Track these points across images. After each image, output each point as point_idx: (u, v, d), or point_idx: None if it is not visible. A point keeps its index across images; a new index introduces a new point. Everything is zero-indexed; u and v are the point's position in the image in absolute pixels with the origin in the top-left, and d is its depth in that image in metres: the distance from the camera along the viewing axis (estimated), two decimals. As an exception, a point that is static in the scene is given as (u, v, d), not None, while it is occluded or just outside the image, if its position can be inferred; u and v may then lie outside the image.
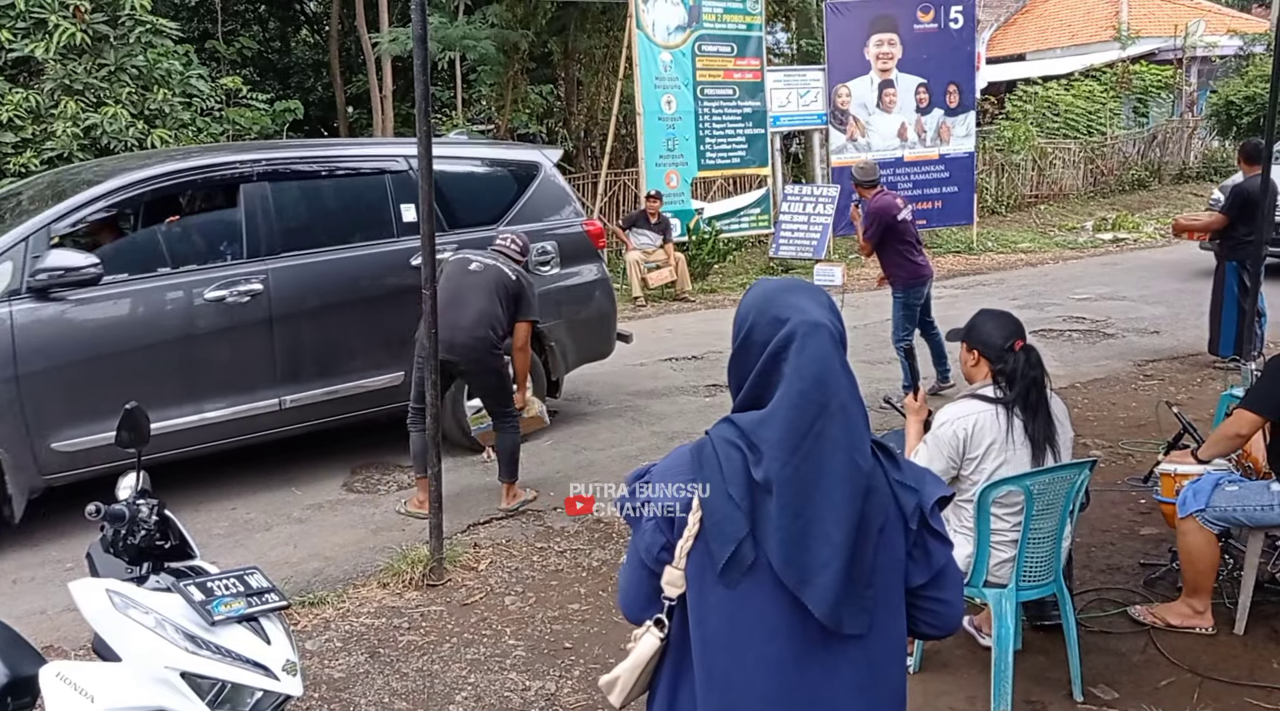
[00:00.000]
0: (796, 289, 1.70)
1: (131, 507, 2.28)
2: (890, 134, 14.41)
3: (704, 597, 1.60)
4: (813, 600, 1.54)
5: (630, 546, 1.73)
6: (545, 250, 6.51)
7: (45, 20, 10.02)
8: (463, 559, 4.76)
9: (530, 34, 14.92)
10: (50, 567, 4.76)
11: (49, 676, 2.16)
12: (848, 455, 1.57)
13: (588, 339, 6.87)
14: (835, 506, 1.55)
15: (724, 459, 1.60)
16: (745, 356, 1.66)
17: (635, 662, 1.67)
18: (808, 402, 1.57)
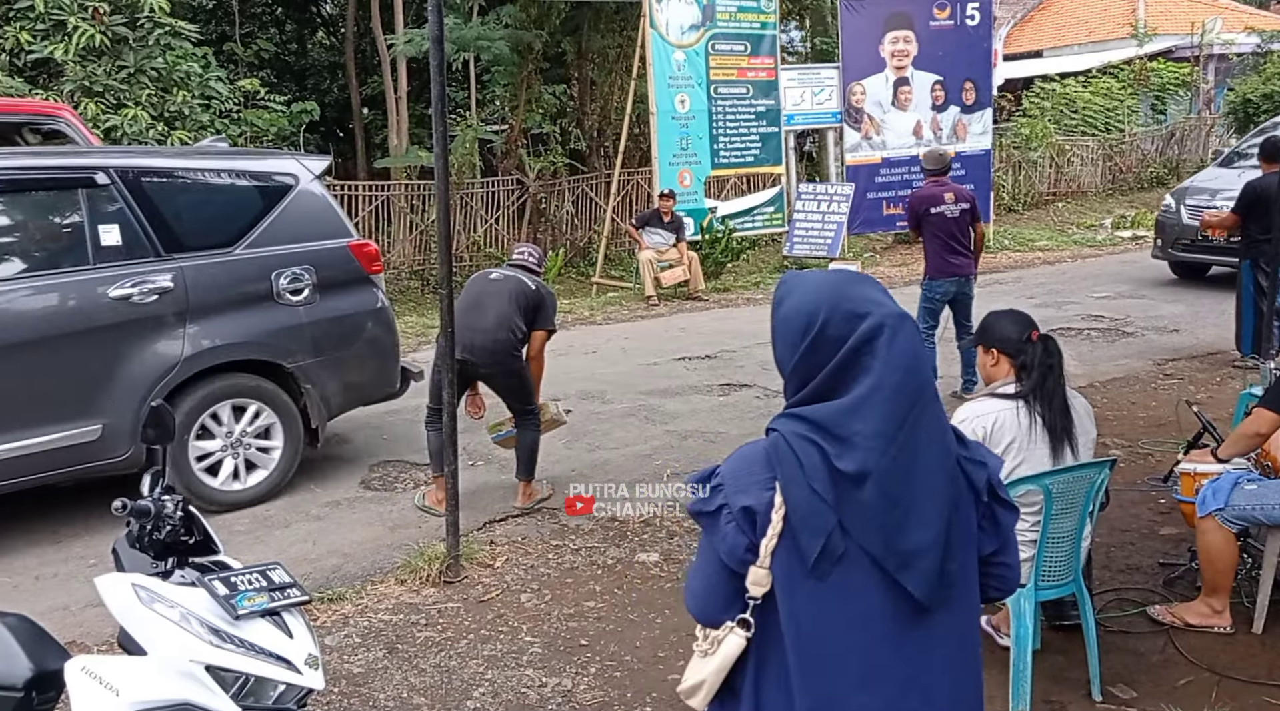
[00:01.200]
0: (861, 281, 1.71)
1: (157, 503, 2.30)
2: (905, 132, 14.37)
3: (794, 592, 1.61)
4: (914, 582, 1.60)
5: (703, 549, 1.71)
6: (296, 276, 5.51)
7: (65, 22, 10.10)
8: (479, 556, 4.78)
9: (544, 34, 14.95)
10: (74, 563, 4.80)
11: (74, 670, 2.19)
12: (940, 441, 1.64)
13: (357, 379, 5.91)
14: (933, 491, 1.61)
15: (801, 454, 1.61)
16: (816, 352, 1.65)
17: (722, 664, 1.67)
18: (903, 392, 1.60)
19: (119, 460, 5.12)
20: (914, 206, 7.30)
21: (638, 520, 5.23)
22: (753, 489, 1.64)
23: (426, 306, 12.76)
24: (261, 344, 5.45)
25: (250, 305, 5.42)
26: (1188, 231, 11.10)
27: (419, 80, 17.12)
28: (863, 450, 1.58)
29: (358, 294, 5.86)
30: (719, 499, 1.66)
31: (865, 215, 14.17)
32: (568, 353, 9.22)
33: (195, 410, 5.27)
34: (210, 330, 5.28)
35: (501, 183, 14.99)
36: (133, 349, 5.08)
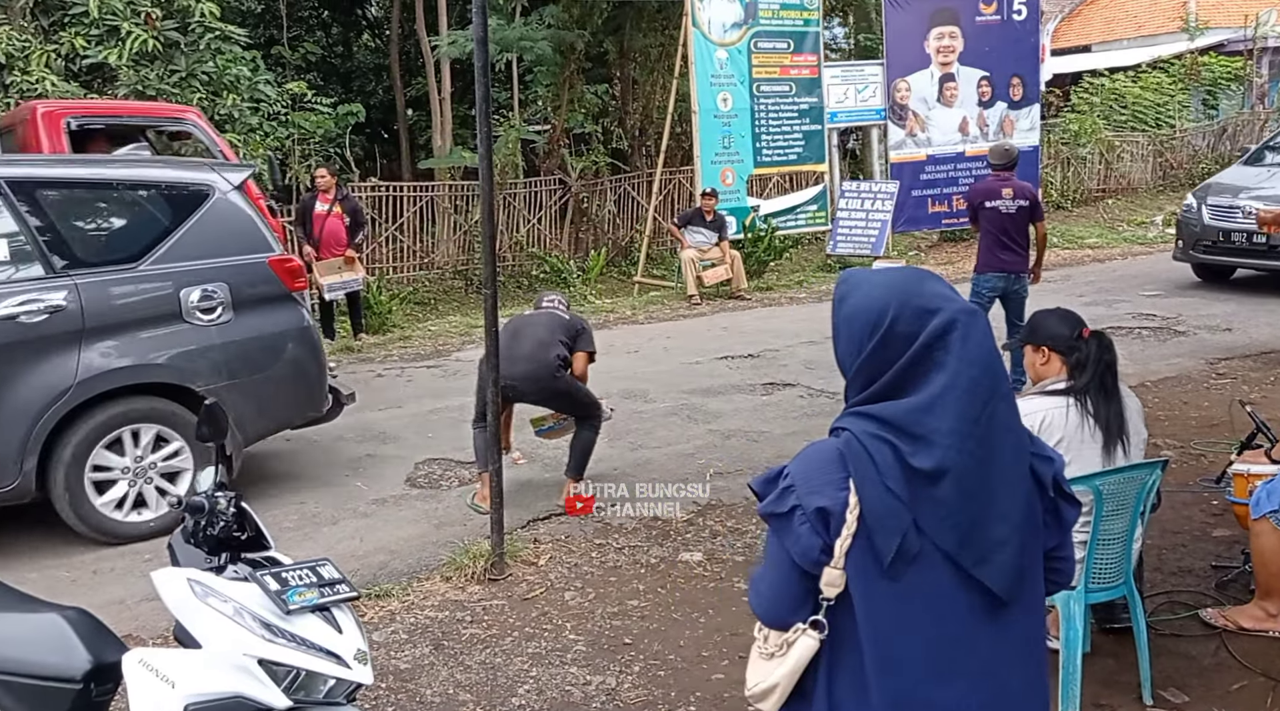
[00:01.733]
0: (928, 277, 1.71)
1: (211, 500, 2.35)
2: (951, 128, 14.23)
3: (869, 592, 1.61)
4: (991, 577, 1.60)
5: (773, 550, 1.70)
6: (208, 294, 5.19)
7: (118, 28, 10.31)
8: (523, 554, 4.81)
9: (586, 34, 14.99)
10: (129, 558, 4.90)
11: (131, 663, 2.24)
12: (1016, 436, 1.65)
13: (277, 403, 5.55)
14: (1010, 485, 1.62)
15: (875, 453, 1.60)
16: (886, 350, 1.64)
17: (795, 667, 1.67)
18: (979, 388, 1.60)
19: (6, 490, 4.81)
20: (971, 199, 7.32)
21: (681, 519, 5.24)
22: (826, 489, 1.63)
23: (470, 306, 12.86)
24: (167, 366, 5.10)
25: (155, 324, 5.08)
26: (1210, 232, 10.86)
27: (462, 81, 17.25)
28: (940, 447, 1.58)
29: (278, 312, 5.49)
30: (791, 500, 1.65)
31: (910, 213, 14.05)
32: (610, 352, 9.24)
33: (93, 437, 4.93)
34: (108, 351, 4.95)
35: (544, 182, 15.06)
36: (19, 372, 4.75)
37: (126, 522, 5.04)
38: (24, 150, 7.19)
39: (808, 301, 12.07)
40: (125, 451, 5.03)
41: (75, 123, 7.40)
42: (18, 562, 4.81)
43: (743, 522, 5.15)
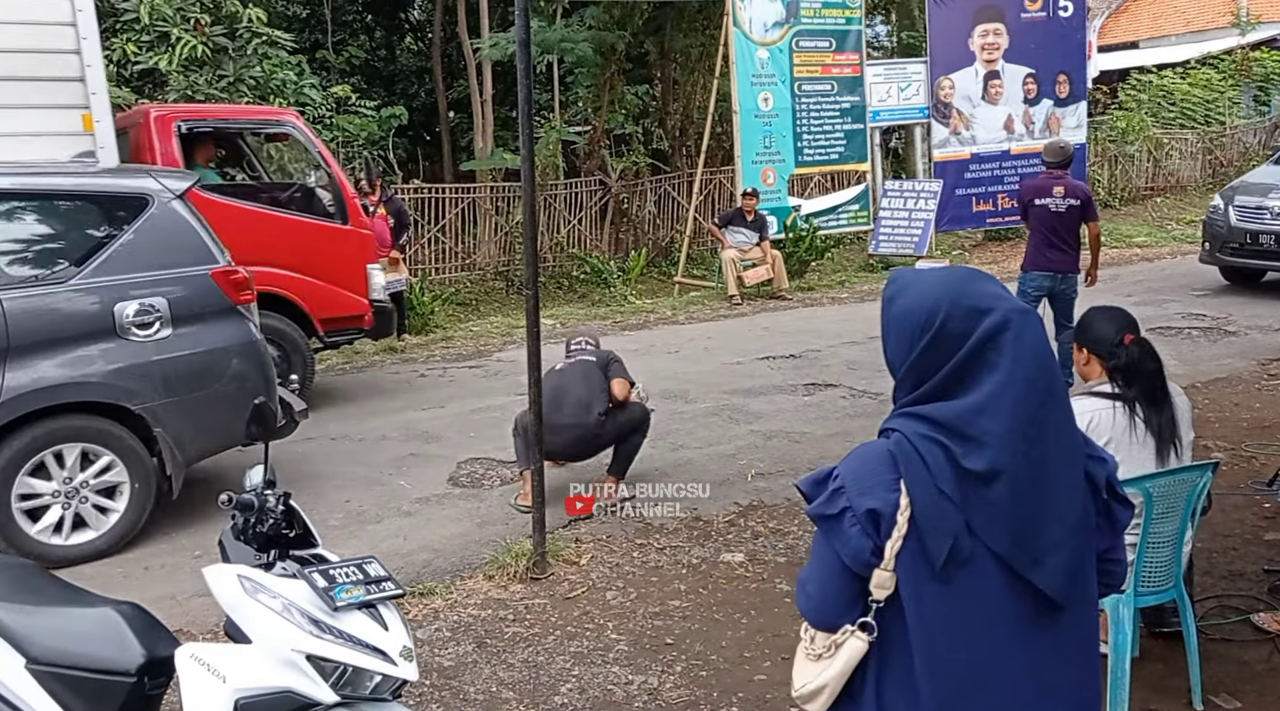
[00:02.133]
0: (979, 277, 1.69)
1: (260, 497, 2.39)
2: (996, 127, 14.08)
3: (920, 594, 1.60)
4: (1044, 580, 1.59)
5: (820, 552, 1.69)
6: (145, 308, 4.97)
7: (168, 34, 10.51)
8: (565, 553, 4.83)
9: (627, 35, 15.02)
10: (180, 555, 4.99)
11: (184, 657, 2.28)
12: (1070, 437, 1.63)
13: (220, 420, 5.22)
14: (1066, 487, 1.61)
15: (926, 454, 1.59)
16: (937, 350, 1.62)
17: (844, 669, 1.66)
18: (1034, 388, 1.59)
19: None
20: (1021, 196, 7.29)
21: (722, 520, 5.24)
22: (877, 490, 1.61)
23: (511, 306, 12.92)
24: (99, 384, 4.87)
25: (88, 341, 4.87)
26: (1237, 234, 10.58)
27: (503, 83, 17.34)
28: (993, 449, 1.56)
29: (222, 326, 5.26)
30: (841, 501, 1.64)
31: (954, 212, 13.92)
32: (650, 352, 9.26)
33: (20, 457, 4.74)
34: (35, 369, 4.74)
35: (584, 183, 15.11)
36: None
37: (68, 545, 4.87)
38: (138, 152, 7.40)
39: (850, 301, 12.00)
40: (52, 474, 4.83)
41: (185, 126, 7.59)
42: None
43: (785, 524, 5.14)
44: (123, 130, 7.20)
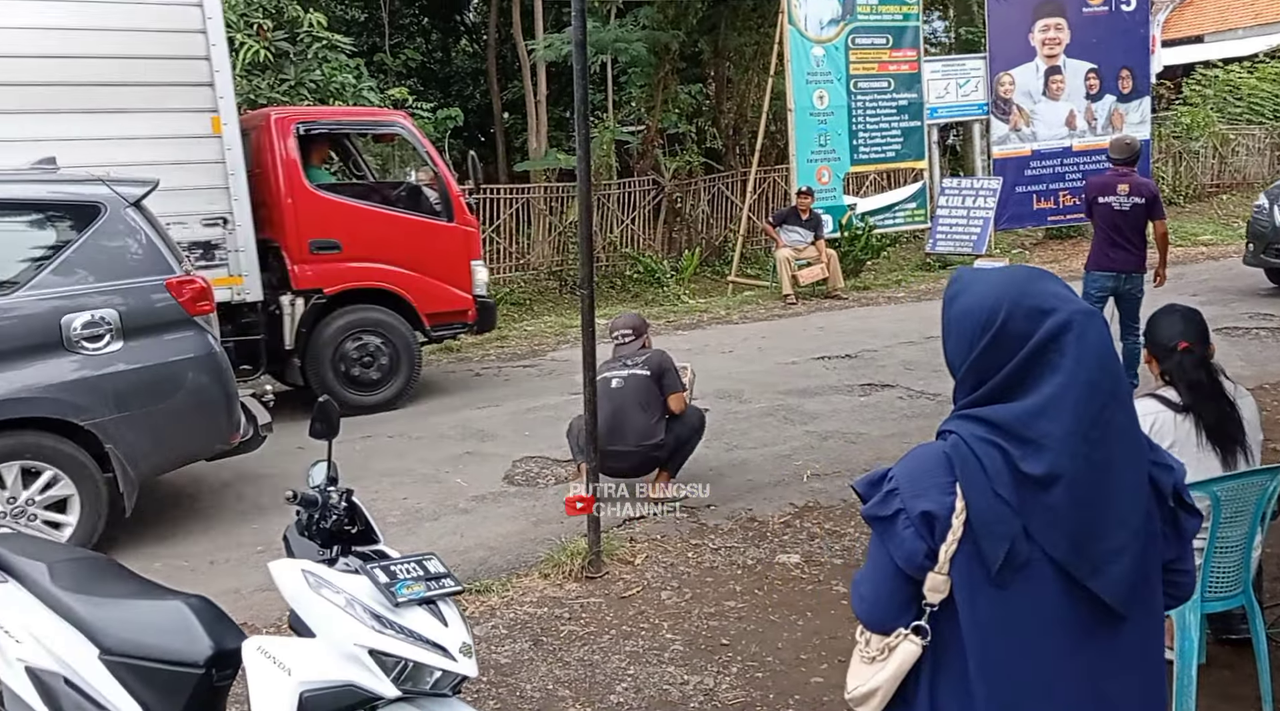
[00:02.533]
0: (1043, 276, 1.66)
1: (323, 494, 2.43)
2: (1057, 123, 13.84)
3: (974, 599, 1.58)
4: (1105, 588, 1.56)
5: (875, 554, 1.68)
6: (94, 321, 4.81)
7: (232, 39, 10.70)
8: (619, 553, 4.85)
9: (681, 34, 15.01)
10: (243, 550, 5.10)
11: (250, 649, 2.33)
12: (1133, 441, 1.59)
13: (176, 436, 5.15)
14: (1128, 492, 1.57)
15: (984, 457, 1.57)
16: (998, 350, 1.60)
17: (897, 672, 1.65)
18: (1097, 390, 1.56)
19: None
20: (1086, 193, 7.16)
21: (778, 521, 5.21)
22: (932, 493, 1.60)
23: (565, 306, 13.00)
24: (45, 399, 4.74)
25: (33, 355, 4.74)
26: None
27: (557, 84, 17.44)
28: (1053, 452, 1.54)
29: (177, 338, 5.08)
30: (895, 503, 1.63)
31: (1013, 210, 13.71)
32: (704, 352, 9.25)
33: None
34: None
35: (637, 183, 15.14)
36: None
37: None
38: (259, 153, 7.67)
39: (906, 301, 11.87)
40: (5, 488, 4.72)
41: (303, 128, 7.87)
42: (141, 552, 5.04)
43: (841, 525, 5.10)
44: (244, 132, 7.51)
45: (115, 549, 4.90)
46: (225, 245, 7.14)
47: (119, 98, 6.79)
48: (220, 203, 7.11)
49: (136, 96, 6.83)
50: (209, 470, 6.52)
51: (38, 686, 2.49)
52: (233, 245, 7.16)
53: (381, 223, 7.99)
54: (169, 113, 6.93)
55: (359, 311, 7.86)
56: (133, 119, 6.78)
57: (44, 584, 2.56)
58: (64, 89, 6.64)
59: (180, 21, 6.99)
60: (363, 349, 7.80)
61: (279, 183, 7.64)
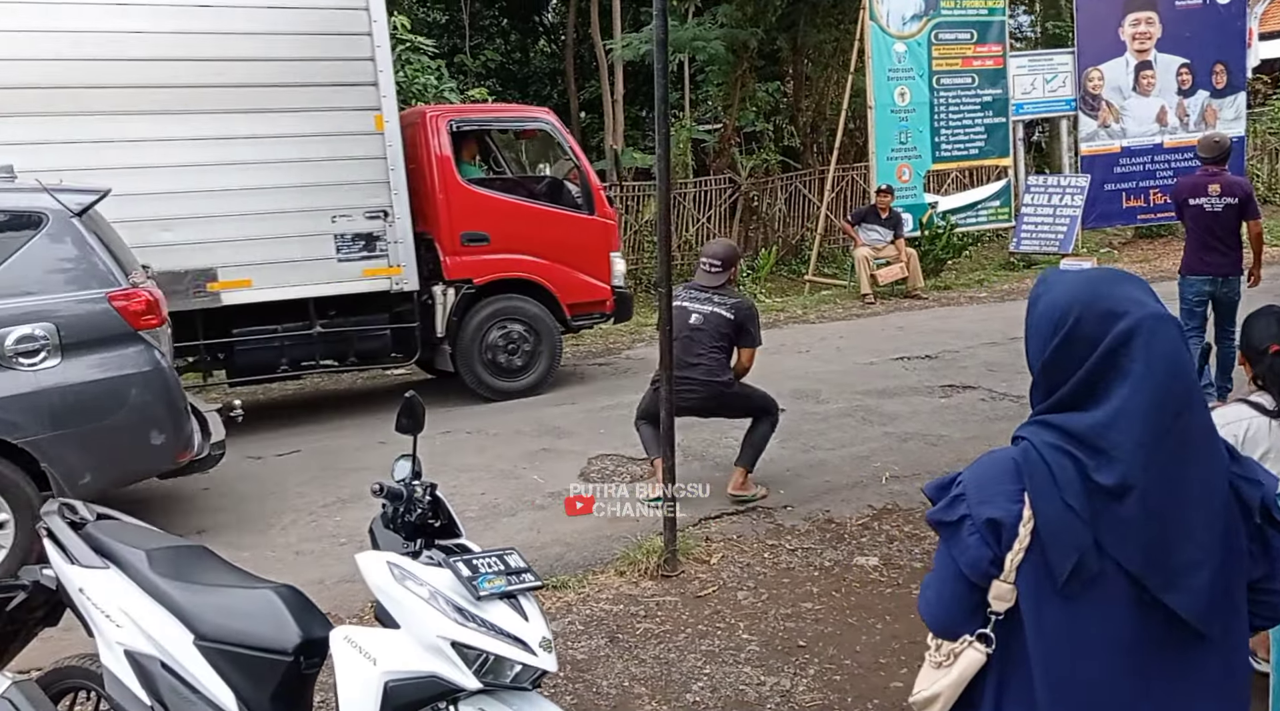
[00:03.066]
0: (1122, 279, 1.61)
1: (408, 488, 2.47)
2: (1148, 119, 13.44)
3: (1041, 611, 1.54)
4: (1182, 603, 1.50)
5: (941, 558, 1.66)
6: (29, 335, 4.68)
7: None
8: (695, 552, 4.84)
9: (759, 31, 14.93)
10: (327, 542, 5.22)
11: (338, 639, 2.38)
12: (1209, 451, 1.53)
13: (118, 454, 5.00)
14: (1203, 505, 1.51)
15: (1055, 465, 1.53)
16: (1068, 355, 1.56)
17: (959, 679, 1.62)
18: (1169, 398, 1.50)
19: None
20: (1175, 196, 6.91)
21: (856, 523, 5.16)
22: (998, 500, 1.56)
23: (639, 304, 12.99)
24: None
25: None
26: None
27: (634, 83, 17.48)
28: (1124, 463, 1.49)
29: (120, 354, 4.91)
30: (961, 509, 1.60)
31: (1102, 208, 13.36)
32: (780, 351, 9.19)
33: None
34: None
35: (714, 181, 15.09)
36: None
37: None
38: (414, 148, 7.98)
39: (989, 301, 11.65)
40: None
41: (455, 124, 8.26)
42: (231, 541, 5.18)
43: (921, 528, 5.02)
44: (405, 126, 7.92)
45: (206, 537, 5.05)
46: (385, 237, 7.56)
47: (288, 97, 7.23)
48: (381, 196, 7.53)
49: (305, 96, 7.26)
50: (296, 464, 6.70)
51: (136, 669, 2.57)
52: (392, 237, 7.58)
53: (527, 216, 8.34)
54: (335, 111, 7.34)
55: (505, 301, 8.22)
56: (301, 118, 7.23)
57: (143, 570, 2.64)
58: (236, 90, 7.08)
59: (348, 24, 7.38)
60: (507, 337, 8.16)
61: (433, 177, 7.98)
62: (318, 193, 7.36)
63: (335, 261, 7.48)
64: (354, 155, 7.43)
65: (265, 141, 7.10)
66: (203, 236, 7.05)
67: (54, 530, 2.83)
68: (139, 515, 3.20)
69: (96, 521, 2.88)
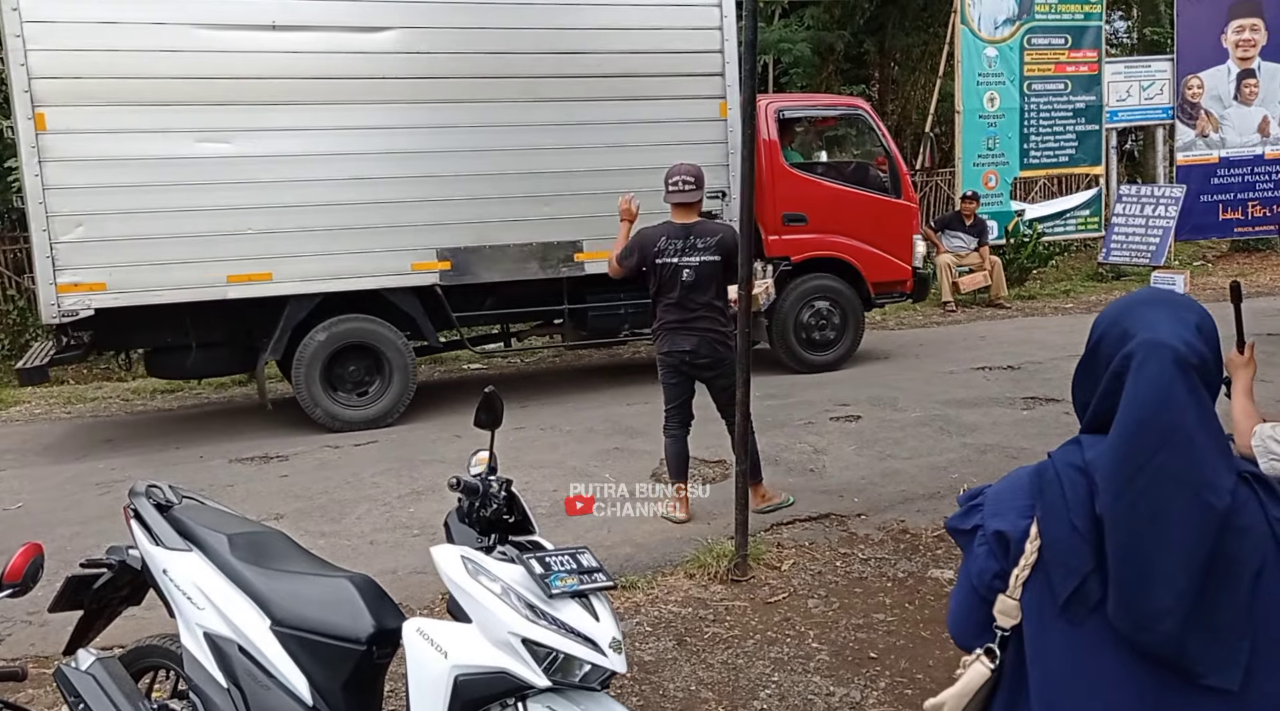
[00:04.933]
0: (1159, 301, 1.52)
1: (484, 483, 2.48)
2: (1249, 129, 12.96)
3: (1044, 633, 1.49)
4: (1154, 647, 1.41)
5: (961, 569, 1.65)
6: None
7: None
8: (766, 557, 4.79)
9: (846, 34, 14.77)
10: (400, 533, 5.29)
11: (410, 630, 2.40)
12: (1193, 493, 1.40)
13: None
14: (1177, 548, 1.39)
15: (1068, 484, 1.48)
16: (1090, 372, 1.53)
17: (962, 691, 1.59)
18: (1145, 433, 1.41)
19: None
20: None
21: (931, 534, 5.05)
22: (1009, 514, 1.53)
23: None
24: None
25: None
26: None
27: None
28: (1103, 493, 1.43)
29: None
30: (975, 518, 1.59)
31: (1197, 220, 12.93)
32: (857, 358, 9.07)
33: None
34: None
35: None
36: None
37: None
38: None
39: (1075, 312, 11.34)
40: None
41: (782, 112, 8.92)
42: (308, 528, 5.29)
43: (998, 543, 4.89)
44: None
45: (283, 523, 5.16)
46: (723, 216, 8.05)
47: (645, 87, 8.02)
48: (721, 178, 8.20)
49: (660, 85, 8.05)
50: (373, 454, 6.81)
51: (214, 651, 2.63)
52: (729, 215, 8.02)
53: (841, 198, 8.92)
54: (685, 99, 8.13)
55: (817, 279, 8.83)
56: (654, 105, 8.04)
57: (224, 554, 2.70)
58: (599, 80, 7.89)
59: (701, 20, 8.15)
60: (818, 313, 8.82)
61: (761, 161, 8.37)
62: None
63: None
64: (699, 139, 8.09)
65: (624, 127, 7.93)
66: (572, 212, 7.92)
67: (141, 511, 2.91)
68: (220, 499, 3.28)
69: (182, 504, 2.95)
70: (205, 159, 7.03)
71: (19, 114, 6.66)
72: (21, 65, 6.61)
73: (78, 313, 6.84)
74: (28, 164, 6.71)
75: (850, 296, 8.86)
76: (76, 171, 6.76)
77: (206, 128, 7.03)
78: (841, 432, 6.81)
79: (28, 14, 6.59)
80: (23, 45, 6.61)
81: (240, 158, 7.09)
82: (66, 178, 6.74)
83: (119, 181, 6.85)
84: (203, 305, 7.27)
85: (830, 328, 8.84)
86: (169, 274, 7.01)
